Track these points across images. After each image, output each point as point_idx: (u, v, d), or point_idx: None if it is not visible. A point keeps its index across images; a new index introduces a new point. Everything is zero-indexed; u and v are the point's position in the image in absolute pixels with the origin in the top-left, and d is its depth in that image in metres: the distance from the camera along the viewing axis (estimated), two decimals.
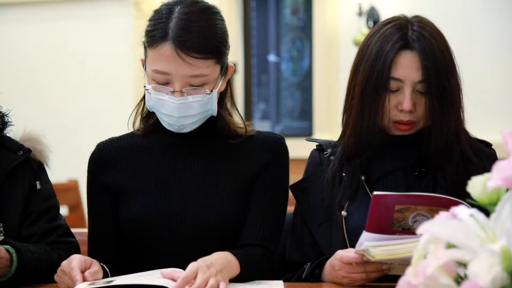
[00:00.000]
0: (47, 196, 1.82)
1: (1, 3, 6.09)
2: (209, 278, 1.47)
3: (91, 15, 5.93)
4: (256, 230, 1.72)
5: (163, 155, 1.76)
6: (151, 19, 1.69)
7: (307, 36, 5.89)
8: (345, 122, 1.75)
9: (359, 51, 1.72)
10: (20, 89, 5.79)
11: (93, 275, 1.54)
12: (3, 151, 1.78)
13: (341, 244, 1.67)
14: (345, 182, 1.73)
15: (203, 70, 1.65)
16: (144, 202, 1.73)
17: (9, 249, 1.67)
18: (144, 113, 1.80)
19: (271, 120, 6.17)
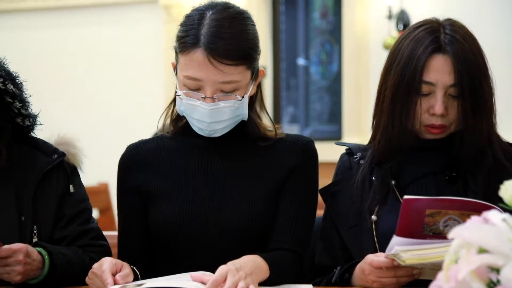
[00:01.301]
0: (80, 199, 1.84)
1: (34, 8, 6.17)
2: (238, 281, 1.47)
3: (122, 19, 5.99)
4: (286, 234, 1.72)
5: (193, 157, 1.77)
6: (183, 25, 1.70)
7: (336, 40, 5.87)
8: (375, 126, 1.74)
9: (390, 55, 1.71)
10: (53, 93, 5.85)
11: (124, 278, 1.55)
12: (37, 154, 1.81)
13: (371, 249, 1.67)
14: (375, 186, 1.72)
15: (235, 77, 1.66)
16: (173, 205, 1.73)
17: (42, 251, 1.69)
18: (174, 115, 1.80)
19: (299, 124, 6.17)
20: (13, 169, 1.78)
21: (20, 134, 1.82)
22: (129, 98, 5.95)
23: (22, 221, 1.75)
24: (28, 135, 1.84)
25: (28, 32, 6.15)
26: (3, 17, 6.25)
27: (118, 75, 5.99)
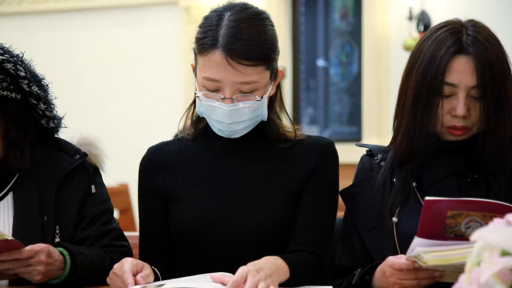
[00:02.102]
0: (102, 199, 1.85)
1: (55, 10, 6.22)
2: (258, 282, 1.47)
3: (142, 21, 6.01)
4: (306, 236, 1.72)
5: (213, 159, 1.77)
6: (201, 26, 1.71)
7: (356, 41, 5.86)
8: (396, 127, 1.73)
9: (412, 56, 1.70)
10: (74, 94, 5.89)
11: (145, 278, 1.56)
12: (60, 155, 1.82)
13: (392, 251, 1.66)
14: (396, 188, 1.71)
15: (253, 77, 1.66)
16: (194, 206, 1.74)
17: (63, 251, 1.70)
18: (194, 117, 1.81)
19: (319, 125, 6.16)
20: (36, 169, 1.79)
21: (44, 135, 1.84)
22: (150, 99, 5.97)
23: (45, 221, 1.76)
24: (51, 136, 1.85)
25: (49, 33, 6.20)
26: (27, 19, 6.30)
27: (138, 76, 6.01)
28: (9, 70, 1.71)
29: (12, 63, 1.72)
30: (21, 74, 1.73)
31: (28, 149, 1.77)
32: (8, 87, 1.71)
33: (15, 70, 1.72)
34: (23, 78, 1.73)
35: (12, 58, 1.73)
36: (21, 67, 1.73)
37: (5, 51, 1.75)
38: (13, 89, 1.72)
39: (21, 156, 1.75)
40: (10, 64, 1.72)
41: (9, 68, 1.71)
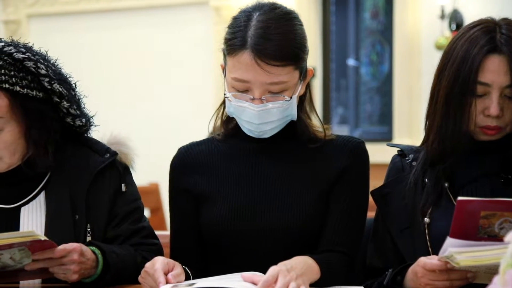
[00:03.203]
0: (132, 198, 1.86)
1: (88, 11, 6.28)
2: (289, 282, 1.47)
3: (172, 21, 6.04)
4: (337, 236, 1.72)
5: (243, 159, 1.77)
6: (230, 27, 1.71)
7: (387, 40, 5.82)
8: (428, 127, 1.72)
9: (444, 55, 1.69)
10: (105, 94, 5.94)
11: (176, 277, 1.57)
12: (90, 154, 1.83)
13: (423, 251, 1.64)
14: (427, 188, 1.70)
15: (282, 77, 1.66)
16: (224, 206, 1.74)
17: (95, 250, 1.72)
18: (224, 117, 1.81)
19: (349, 125, 6.14)
20: (67, 168, 1.81)
21: (74, 134, 1.85)
22: (180, 99, 6.00)
23: (76, 220, 1.78)
24: (82, 135, 1.87)
25: (81, 34, 6.26)
26: (60, 20, 6.37)
27: (169, 76, 6.04)
28: (30, 68, 1.73)
29: (33, 61, 1.74)
30: (42, 72, 1.74)
31: (53, 147, 1.78)
32: (29, 85, 1.73)
33: (36, 68, 1.74)
34: (44, 76, 1.74)
35: (33, 57, 1.75)
36: (42, 65, 1.75)
37: (27, 49, 1.76)
38: (34, 87, 1.74)
39: (44, 154, 1.77)
40: (31, 62, 1.73)
41: (29, 66, 1.73)
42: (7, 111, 1.71)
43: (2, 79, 1.70)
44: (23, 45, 1.78)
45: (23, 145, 1.75)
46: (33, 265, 1.63)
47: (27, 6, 6.42)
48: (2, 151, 1.73)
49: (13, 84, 1.70)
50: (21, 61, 1.73)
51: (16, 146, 1.74)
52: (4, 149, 1.73)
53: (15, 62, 1.72)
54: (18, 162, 1.78)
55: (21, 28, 6.36)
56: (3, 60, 1.71)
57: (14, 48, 1.74)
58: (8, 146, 1.73)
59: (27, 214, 1.79)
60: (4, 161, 1.75)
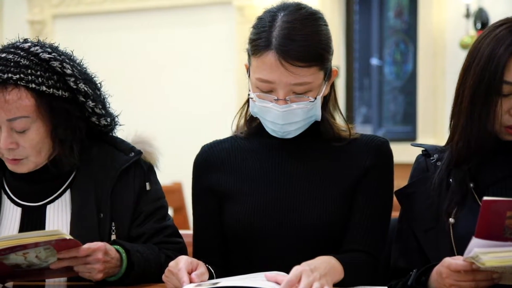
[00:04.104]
0: (156, 197, 1.87)
1: (112, 11, 6.31)
2: (313, 282, 1.47)
3: (196, 21, 6.05)
4: (360, 236, 1.71)
5: (267, 158, 1.77)
6: (254, 27, 1.71)
7: (411, 39, 5.79)
8: (453, 127, 1.70)
9: (469, 54, 1.67)
10: (129, 93, 5.97)
11: (200, 276, 1.57)
12: (115, 153, 1.85)
13: (448, 252, 1.63)
14: (452, 189, 1.69)
15: (307, 78, 1.66)
16: (247, 205, 1.74)
17: (119, 249, 1.72)
18: (248, 116, 1.81)
19: (373, 124, 6.11)
20: (92, 167, 1.82)
21: (99, 133, 1.87)
22: (203, 98, 6.01)
23: (101, 218, 1.79)
24: (107, 134, 1.88)
25: (106, 34, 6.29)
26: (85, 20, 6.41)
27: (193, 76, 6.06)
28: (56, 68, 1.74)
29: (58, 61, 1.75)
30: (68, 71, 1.75)
31: (78, 146, 1.80)
32: (55, 85, 1.74)
33: (62, 68, 1.75)
34: (70, 76, 1.76)
35: (59, 57, 1.76)
36: (68, 65, 1.76)
37: (53, 49, 1.78)
38: (60, 86, 1.75)
39: (70, 153, 1.78)
40: (57, 62, 1.75)
41: (55, 66, 1.74)
42: (34, 110, 1.72)
43: (28, 79, 1.71)
44: (49, 45, 1.80)
45: (49, 144, 1.77)
46: (58, 264, 1.64)
47: (52, 7, 6.47)
48: (29, 150, 1.75)
49: (39, 84, 1.72)
50: (47, 61, 1.74)
51: (42, 145, 1.76)
52: (30, 148, 1.74)
53: (41, 62, 1.74)
54: (44, 161, 1.79)
55: (46, 28, 6.42)
56: (29, 60, 1.73)
57: (41, 48, 1.75)
58: (34, 145, 1.75)
59: (53, 212, 1.81)
60: (30, 160, 1.77)
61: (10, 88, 1.71)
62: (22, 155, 1.75)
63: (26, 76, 1.71)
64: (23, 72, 1.71)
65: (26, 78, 1.71)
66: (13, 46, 1.77)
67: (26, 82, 1.71)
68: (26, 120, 1.72)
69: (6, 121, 1.72)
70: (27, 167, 1.78)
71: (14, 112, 1.71)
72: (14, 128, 1.73)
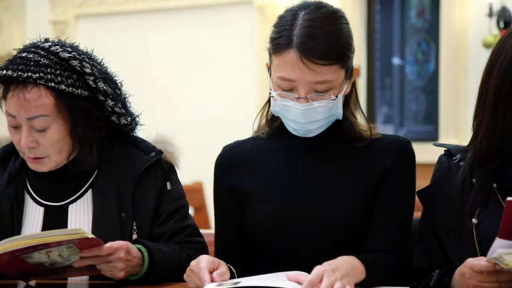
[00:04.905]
0: (177, 196, 1.87)
1: (134, 11, 6.34)
2: (334, 281, 1.46)
3: (216, 20, 6.06)
4: (382, 236, 1.70)
5: (288, 158, 1.77)
6: (276, 26, 1.71)
7: (433, 38, 5.75)
8: (476, 127, 1.69)
9: (493, 53, 1.66)
10: (150, 93, 5.99)
11: (221, 276, 1.57)
12: (136, 152, 1.85)
13: (471, 252, 1.62)
14: (475, 189, 1.67)
15: (328, 76, 1.65)
16: (268, 205, 1.74)
17: (141, 248, 1.73)
18: (269, 116, 1.81)
19: (394, 124, 6.08)
20: (113, 167, 1.83)
21: (120, 133, 1.87)
22: (224, 98, 6.01)
23: (123, 217, 1.80)
24: (128, 134, 1.89)
25: (127, 34, 6.32)
26: (106, 20, 6.45)
27: (213, 75, 6.07)
28: (75, 67, 1.75)
29: (78, 60, 1.76)
30: (87, 70, 1.76)
31: (98, 145, 1.80)
32: (74, 84, 1.75)
33: (81, 67, 1.76)
34: (89, 75, 1.76)
35: (79, 56, 1.77)
36: (87, 64, 1.77)
37: (73, 48, 1.79)
38: (79, 85, 1.76)
39: (89, 152, 1.79)
40: (76, 61, 1.76)
41: (75, 65, 1.75)
42: (53, 109, 1.73)
43: (48, 77, 1.72)
44: (69, 44, 1.81)
45: (69, 143, 1.78)
46: (80, 262, 1.65)
47: (75, 7, 6.51)
48: (49, 149, 1.76)
49: (58, 82, 1.73)
50: (67, 60, 1.75)
51: (62, 144, 1.77)
52: (50, 147, 1.76)
53: (60, 61, 1.75)
54: (65, 160, 1.80)
55: (68, 28, 6.46)
56: (49, 59, 1.74)
57: (61, 47, 1.76)
58: (54, 144, 1.76)
59: (75, 212, 1.82)
60: (52, 159, 1.78)
61: (30, 87, 1.72)
62: (43, 153, 1.76)
63: (46, 75, 1.72)
64: (42, 71, 1.72)
65: (46, 77, 1.72)
66: (34, 45, 1.78)
67: (45, 81, 1.72)
68: (46, 119, 1.73)
69: (26, 119, 1.73)
70: (48, 166, 1.79)
71: (34, 111, 1.72)
72: (34, 126, 1.74)
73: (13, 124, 1.76)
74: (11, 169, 1.85)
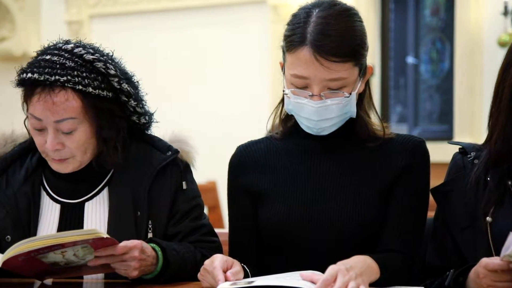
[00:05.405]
0: (192, 195, 1.87)
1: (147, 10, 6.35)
2: (349, 281, 1.46)
3: (230, 20, 6.06)
4: (396, 236, 1.70)
5: (302, 158, 1.77)
6: (289, 24, 1.71)
7: (447, 37, 5.73)
8: (491, 126, 1.68)
9: (509, 52, 1.65)
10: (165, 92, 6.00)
11: (235, 275, 1.57)
12: (152, 151, 1.86)
13: (485, 251, 1.61)
14: (490, 187, 1.67)
15: (342, 74, 1.65)
16: (281, 205, 1.74)
17: (155, 247, 1.73)
18: (283, 115, 1.81)
19: (408, 123, 6.06)
20: (129, 165, 1.83)
21: (137, 131, 1.88)
22: (237, 98, 6.01)
23: (138, 216, 1.80)
24: (144, 133, 1.90)
25: (141, 33, 6.34)
26: (120, 19, 6.47)
27: (227, 75, 6.07)
28: (100, 69, 1.76)
29: (102, 61, 1.77)
30: (111, 72, 1.77)
31: (121, 145, 1.81)
32: (100, 86, 1.76)
33: (106, 69, 1.76)
34: (113, 76, 1.77)
35: (102, 57, 1.78)
36: (111, 65, 1.78)
37: (95, 50, 1.79)
38: (105, 87, 1.77)
39: (114, 152, 1.80)
40: (101, 63, 1.76)
41: (99, 67, 1.76)
42: (80, 112, 1.74)
43: (75, 80, 1.73)
44: (90, 45, 1.81)
45: (94, 144, 1.79)
46: (95, 261, 1.66)
47: (89, 7, 6.53)
48: (75, 151, 1.77)
49: (85, 85, 1.73)
50: (91, 62, 1.76)
51: (87, 145, 1.78)
52: (76, 148, 1.76)
53: (85, 63, 1.76)
54: (88, 161, 1.81)
55: (83, 28, 6.48)
56: (74, 62, 1.75)
57: (83, 49, 1.77)
58: (80, 146, 1.77)
59: (91, 210, 1.82)
60: (76, 159, 1.79)
61: (58, 90, 1.72)
62: (67, 155, 1.77)
63: (73, 78, 1.73)
64: (69, 74, 1.72)
65: (73, 80, 1.72)
66: (56, 47, 1.78)
67: (73, 84, 1.72)
68: (73, 121, 1.74)
69: (54, 122, 1.74)
70: (72, 166, 1.80)
71: (62, 114, 1.73)
72: (61, 129, 1.75)
73: (37, 127, 1.76)
74: (28, 166, 1.86)
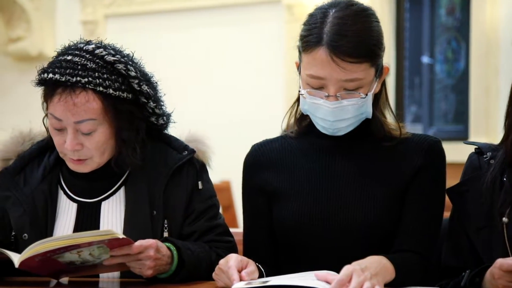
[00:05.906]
0: (208, 195, 1.88)
1: (162, 10, 6.37)
2: (364, 281, 1.46)
3: (245, 19, 6.07)
4: (411, 236, 1.69)
5: (317, 157, 1.77)
6: (306, 24, 1.70)
7: (463, 37, 5.70)
8: (508, 126, 1.67)
9: None
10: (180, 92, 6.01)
11: (250, 274, 1.57)
12: (169, 151, 1.86)
13: (501, 251, 1.61)
14: (506, 188, 1.66)
15: (358, 74, 1.64)
16: (296, 205, 1.74)
17: (170, 246, 1.74)
18: (298, 115, 1.81)
19: (423, 123, 6.04)
20: (146, 165, 1.84)
21: (154, 131, 1.88)
22: (252, 98, 6.02)
23: (154, 215, 1.80)
24: (161, 132, 1.90)
25: (156, 33, 6.35)
26: (135, 19, 6.49)
27: (241, 75, 6.07)
28: (121, 70, 1.76)
29: (123, 63, 1.77)
30: (132, 74, 1.77)
31: (139, 146, 1.82)
32: (120, 87, 1.76)
33: (126, 70, 1.77)
34: (133, 78, 1.78)
35: (123, 59, 1.78)
36: (132, 67, 1.78)
37: (116, 51, 1.80)
38: (125, 89, 1.77)
39: (133, 153, 1.80)
40: (122, 65, 1.77)
41: (120, 69, 1.76)
42: (100, 113, 1.75)
43: (96, 82, 1.73)
44: (111, 46, 1.81)
45: (112, 145, 1.80)
46: (111, 261, 1.66)
47: (104, 7, 6.56)
48: (93, 151, 1.78)
49: (106, 87, 1.74)
50: (112, 64, 1.76)
51: (106, 146, 1.79)
52: (95, 149, 1.77)
53: (106, 64, 1.76)
54: (105, 161, 1.82)
55: (98, 28, 6.51)
56: (95, 63, 1.75)
57: (105, 50, 1.77)
58: (99, 147, 1.77)
59: (107, 209, 1.83)
60: (94, 160, 1.80)
61: (78, 91, 1.73)
62: (86, 155, 1.78)
63: (94, 79, 1.73)
64: (91, 75, 1.73)
65: (94, 82, 1.73)
66: (77, 48, 1.78)
67: (94, 85, 1.72)
68: (93, 123, 1.74)
69: (73, 123, 1.74)
70: (90, 166, 1.81)
71: (82, 115, 1.73)
72: (80, 130, 1.75)
73: (57, 127, 1.77)
74: (45, 164, 1.87)
